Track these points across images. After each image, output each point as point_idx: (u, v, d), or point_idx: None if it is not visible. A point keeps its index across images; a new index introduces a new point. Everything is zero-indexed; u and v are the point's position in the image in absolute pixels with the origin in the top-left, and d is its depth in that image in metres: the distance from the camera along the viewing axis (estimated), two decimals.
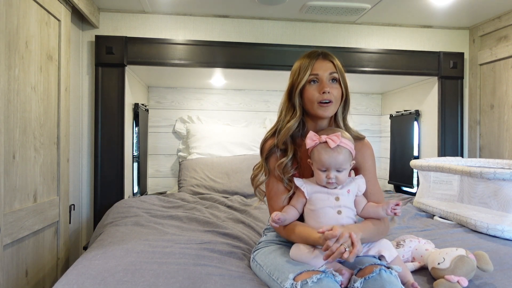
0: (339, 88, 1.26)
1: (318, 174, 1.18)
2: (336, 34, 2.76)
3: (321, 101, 1.23)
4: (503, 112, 2.55)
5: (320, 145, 1.17)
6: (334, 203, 1.17)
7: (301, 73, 1.26)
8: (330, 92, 1.22)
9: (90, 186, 2.48)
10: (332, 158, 1.15)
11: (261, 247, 1.31)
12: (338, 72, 1.26)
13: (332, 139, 1.16)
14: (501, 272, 1.24)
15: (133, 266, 1.21)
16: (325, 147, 1.16)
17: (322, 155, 1.16)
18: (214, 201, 2.37)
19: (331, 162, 1.15)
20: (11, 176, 1.57)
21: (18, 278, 1.66)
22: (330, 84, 1.25)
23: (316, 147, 1.18)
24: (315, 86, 1.25)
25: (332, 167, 1.16)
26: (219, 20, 2.65)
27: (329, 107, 1.24)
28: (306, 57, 1.29)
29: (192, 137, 3.11)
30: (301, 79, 1.25)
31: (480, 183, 1.83)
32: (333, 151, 1.15)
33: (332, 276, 1.03)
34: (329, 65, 1.26)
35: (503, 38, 2.56)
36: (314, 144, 1.18)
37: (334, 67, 1.26)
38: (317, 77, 1.25)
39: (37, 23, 1.79)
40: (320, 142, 1.17)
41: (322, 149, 1.16)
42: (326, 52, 1.30)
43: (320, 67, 1.25)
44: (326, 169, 1.17)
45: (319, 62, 1.26)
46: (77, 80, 2.41)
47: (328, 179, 1.17)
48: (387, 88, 3.32)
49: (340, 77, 1.26)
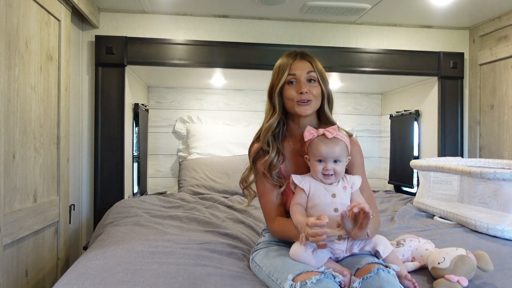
0: (318, 87, 1.30)
1: (315, 166, 1.22)
2: (336, 34, 2.76)
3: (299, 100, 1.27)
4: (503, 112, 2.55)
5: (318, 137, 1.22)
6: (331, 200, 1.19)
7: (279, 74, 1.30)
8: (308, 92, 1.26)
9: (90, 186, 2.48)
10: (329, 148, 1.20)
11: (260, 248, 1.31)
12: (316, 71, 1.30)
13: (329, 130, 1.22)
14: (501, 272, 1.24)
15: (133, 266, 1.21)
16: (323, 138, 1.21)
17: (320, 146, 1.20)
18: (214, 201, 2.37)
19: (329, 152, 1.19)
20: (11, 176, 1.57)
21: (18, 278, 1.66)
22: (308, 84, 1.29)
23: (313, 140, 1.23)
24: (293, 86, 1.29)
25: (330, 157, 1.20)
26: (219, 20, 2.65)
27: (308, 105, 1.27)
28: (284, 57, 1.32)
29: (192, 137, 3.11)
30: (279, 80, 1.29)
31: (480, 183, 1.83)
32: (331, 142, 1.20)
33: (331, 277, 1.03)
34: (306, 65, 1.30)
35: (503, 38, 2.56)
36: (312, 136, 1.22)
37: (312, 67, 1.30)
38: (294, 77, 1.29)
39: (37, 23, 1.79)
40: (318, 134, 1.22)
41: (320, 141, 1.21)
42: (304, 52, 1.34)
43: (297, 67, 1.29)
44: (324, 159, 1.20)
45: (297, 62, 1.30)
46: (77, 80, 2.41)
47: (325, 170, 1.20)
48: (387, 88, 3.32)
49: (318, 76, 1.30)
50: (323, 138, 1.21)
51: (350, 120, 3.45)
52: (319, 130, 1.23)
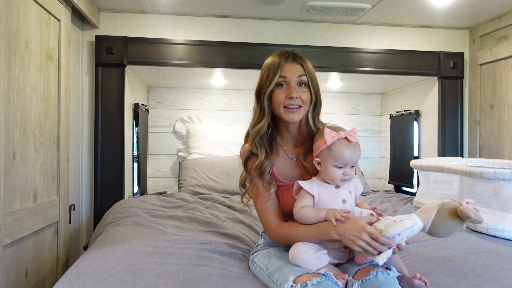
0: (308, 92, 1.25)
1: (334, 172, 1.15)
2: (336, 34, 2.75)
3: (287, 105, 1.22)
4: (503, 112, 2.55)
5: (339, 141, 1.15)
6: (342, 206, 1.16)
7: (269, 75, 1.24)
8: (298, 97, 1.22)
9: (90, 186, 2.48)
10: (353, 154, 1.15)
11: (260, 249, 1.31)
12: (307, 75, 1.25)
13: (351, 134, 1.15)
14: (501, 272, 1.24)
15: (133, 266, 1.21)
16: (346, 142, 1.15)
17: (344, 151, 1.14)
18: (214, 201, 2.37)
19: (352, 157, 1.15)
20: (11, 176, 1.57)
21: (18, 278, 1.66)
22: (298, 89, 1.23)
23: (334, 144, 1.15)
24: (283, 90, 1.24)
25: (351, 162, 1.15)
26: (219, 20, 2.65)
27: (297, 112, 1.23)
28: (275, 57, 1.27)
29: (192, 137, 3.11)
30: (270, 82, 1.23)
31: (480, 183, 1.83)
32: (354, 146, 1.15)
33: (332, 279, 1.03)
34: (298, 67, 1.24)
35: (503, 38, 2.56)
36: (333, 140, 1.15)
37: (303, 70, 1.24)
38: (285, 80, 1.23)
39: (37, 23, 1.79)
40: (339, 138, 1.15)
41: (343, 145, 1.14)
42: (296, 53, 1.28)
43: (289, 69, 1.23)
44: (345, 165, 1.15)
45: (288, 64, 1.24)
46: (77, 80, 2.41)
47: (345, 175, 1.16)
48: (387, 88, 3.32)
49: (309, 80, 1.25)
50: (346, 143, 1.14)
51: (350, 120, 3.45)
52: (339, 133, 1.15)
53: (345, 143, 1.15)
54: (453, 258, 1.36)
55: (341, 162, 1.14)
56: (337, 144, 1.15)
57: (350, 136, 1.15)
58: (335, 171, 1.15)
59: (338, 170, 1.15)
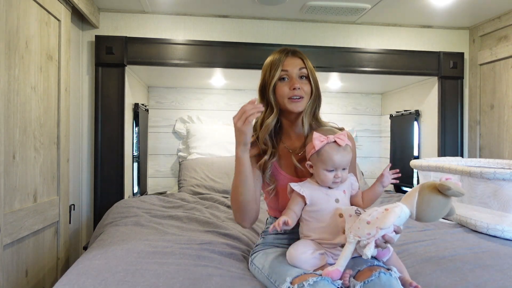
0: (308, 84, 1.30)
1: (325, 175, 1.16)
2: (336, 34, 2.76)
3: (291, 97, 1.27)
4: (503, 112, 2.55)
5: (328, 145, 1.15)
6: (335, 205, 1.17)
7: (272, 70, 1.31)
8: (300, 88, 1.27)
9: (90, 186, 2.48)
10: (343, 157, 1.15)
11: (259, 249, 1.31)
12: (307, 68, 1.30)
13: (340, 137, 1.15)
14: (501, 272, 1.24)
15: (134, 266, 1.21)
16: (335, 146, 1.15)
17: (333, 155, 1.14)
18: (214, 201, 2.37)
19: (342, 161, 1.15)
20: (11, 176, 1.57)
21: (18, 278, 1.66)
22: (300, 81, 1.29)
23: (323, 148, 1.15)
24: (285, 83, 1.29)
25: (342, 166, 1.16)
26: (219, 20, 2.65)
27: (300, 102, 1.28)
28: (276, 54, 1.33)
29: (192, 137, 3.11)
30: (273, 77, 1.30)
31: (480, 183, 1.83)
32: (344, 150, 1.16)
33: (329, 279, 1.02)
34: (298, 61, 1.31)
35: (503, 38, 2.56)
36: (322, 144, 1.15)
37: (303, 63, 1.31)
38: (287, 73, 1.29)
39: (37, 23, 1.79)
40: (329, 142, 1.15)
41: (332, 149, 1.14)
42: (296, 49, 1.35)
43: (289, 63, 1.30)
44: (335, 168, 1.16)
45: (289, 59, 1.31)
46: (77, 80, 2.41)
47: (336, 178, 1.16)
48: (387, 88, 3.32)
49: (309, 73, 1.31)
50: (335, 147, 1.14)
51: (350, 120, 3.45)
52: (328, 137, 1.16)
53: (334, 147, 1.15)
54: (453, 258, 1.36)
55: (331, 166, 1.15)
56: (326, 148, 1.15)
57: (339, 139, 1.15)
58: (326, 174, 1.16)
59: (329, 173, 1.16)
